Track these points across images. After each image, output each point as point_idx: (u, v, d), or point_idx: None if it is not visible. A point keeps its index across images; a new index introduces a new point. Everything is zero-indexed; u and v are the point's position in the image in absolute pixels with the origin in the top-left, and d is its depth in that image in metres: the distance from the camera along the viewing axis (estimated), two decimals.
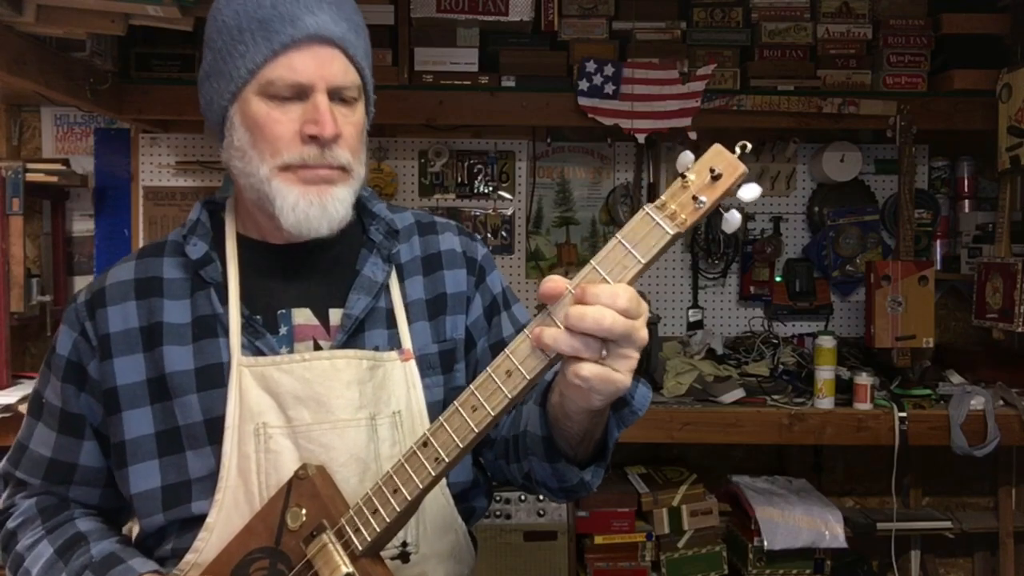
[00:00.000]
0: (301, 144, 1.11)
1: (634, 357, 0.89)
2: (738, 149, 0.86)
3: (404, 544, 1.14)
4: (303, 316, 1.18)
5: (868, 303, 2.80)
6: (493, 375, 0.92)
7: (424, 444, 0.96)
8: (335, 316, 1.18)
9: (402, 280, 1.23)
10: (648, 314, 0.91)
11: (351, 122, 1.15)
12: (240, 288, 1.18)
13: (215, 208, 1.27)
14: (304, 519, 1.03)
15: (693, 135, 2.86)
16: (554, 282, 0.89)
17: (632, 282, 0.88)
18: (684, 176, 0.86)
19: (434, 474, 0.95)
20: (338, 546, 1.00)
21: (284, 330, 1.17)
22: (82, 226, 3.11)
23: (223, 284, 1.18)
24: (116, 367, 1.16)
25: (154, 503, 1.14)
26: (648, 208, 0.87)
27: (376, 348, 1.17)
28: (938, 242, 3.19)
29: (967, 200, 3.17)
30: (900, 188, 2.82)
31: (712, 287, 3.22)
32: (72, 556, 1.14)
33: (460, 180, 3.17)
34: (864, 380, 2.64)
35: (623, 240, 0.87)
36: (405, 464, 0.97)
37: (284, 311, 1.18)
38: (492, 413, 0.92)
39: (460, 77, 2.87)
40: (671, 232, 0.85)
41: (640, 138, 2.90)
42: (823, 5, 2.95)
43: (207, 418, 1.13)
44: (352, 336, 1.17)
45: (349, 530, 1.00)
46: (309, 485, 1.04)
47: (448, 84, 2.87)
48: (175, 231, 1.25)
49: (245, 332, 1.15)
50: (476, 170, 3.17)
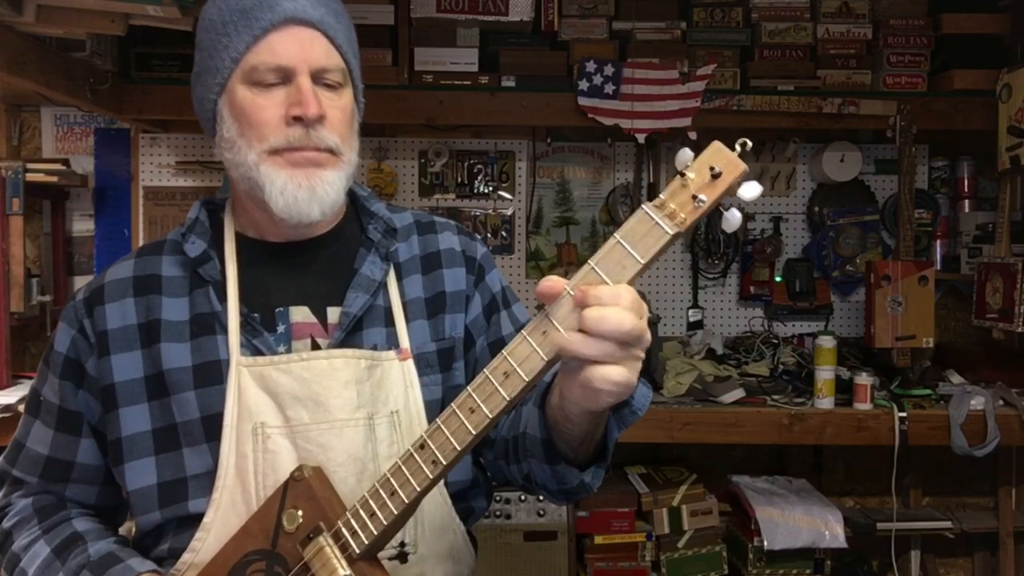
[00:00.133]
0: (286, 127, 1.12)
1: (642, 357, 0.89)
2: (738, 147, 0.84)
3: (402, 544, 1.14)
4: (301, 314, 1.18)
5: (868, 303, 2.80)
6: (491, 377, 0.90)
7: (421, 447, 0.94)
8: (333, 314, 1.18)
9: (400, 279, 1.23)
10: (648, 314, 0.90)
11: (338, 106, 1.15)
12: (238, 286, 1.18)
13: (214, 208, 1.27)
14: (301, 521, 1.02)
15: (693, 135, 2.85)
16: (552, 282, 0.88)
17: (631, 282, 0.86)
18: (683, 174, 0.84)
19: (431, 477, 0.94)
20: (335, 549, 0.99)
21: (282, 328, 1.17)
22: (82, 226, 3.11)
23: (221, 282, 1.18)
24: (114, 364, 1.16)
25: (150, 500, 1.14)
26: (647, 207, 0.85)
27: (374, 346, 1.17)
28: (938, 242, 3.18)
29: (967, 200, 3.17)
30: (900, 188, 2.82)
31: (712, 287, 3.22)
32: (69, 556, 1.14)
33: (460, 180, 3.16)
34: (864, 380, 2.64)
35: (622, 240, 0.85)
36: (402, 466, 0.96)
37: (282, 309, 1.18)
38: (490, 415, 0.90)
39: (460, 77, 2.87)
40: (670, 232, 0.84)
41: (640, 138, 2.90)
42: (823, 5, 2.95)
43: (204, 415, 1.13)
44: (350, 334, 1.17)
45: (346, 532, 0.99)
46: (305, 487, 1.03)
47: (448, 84, 2.86)
48: (174, 230, 1.25)
49: (243, 330, 1.15)
50: (476, 170, 3.17)
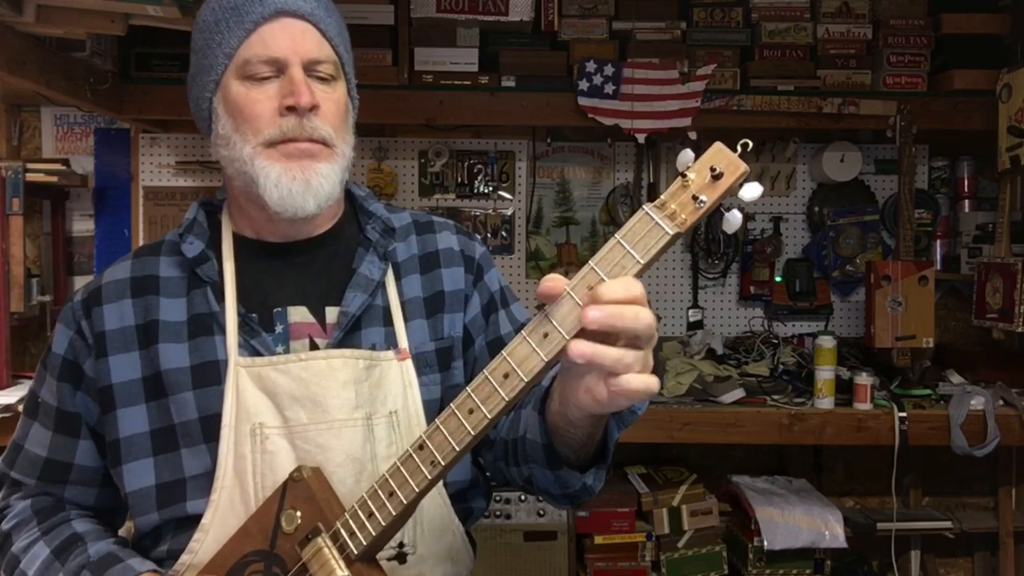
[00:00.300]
0: (280, 118, 1.12)
1: (651, 357, 0.87)
2: (739, 148, 0.84)
3: (401, 545, 1.14)
4: (299, 314, 1.18)
5: (868, 303, 2.80)
6: (490, 377, 0.89)
7: (420, 447, 0.94)
8: (331, 314, 1.18)
9: (399, 278, 1.23)
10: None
11: (331, 99, 1.16)
12: (236, 286, 1.18)
13: (212, 209, 1.27)
14: (299, 522, 1.02)
15: (693, 135, 2.85)
16: (553, 281, 0.87)
17: None
18: (684, 175, 0.84)
19: (430, 477, 0.94)
20: (333, 550, 0.99)
21: (280, 328, 1.17)
22: (82, 226, 3.11)
23: (219, 282, 1.18)
24: (112, 365, 1.16)
25: (149, 501, 1.14)
26: (647, 208, 0.85)
27: (373, 346, 1.17)
28: (938, 242, 3.18)
29: (967, 200, 3.17)
30: (900, 188, 2.82)
31: (712, 287, 3.22)
32: (69, 557, 1.14)
33: (460, 180, 3.16)
34: (864, 380, 2.64)
35: (622, 240, 0.85)
36: (401, 467, 0.95)
37: (280, 309, 1.18)
38: (489, 416, 0.90)
39: (460, 77, 2.87)
40: (671, 232, 0.84)
41: (640, 138, 2.90)
42: (823, 5, 2.95)
43: (202, 416, 1.13)
44: (348, 334, 1.17)
45: (344, 533, 0.99)
46: (304, 487, 1.03)
47: (448, 84, 2.86)
48: (172, 231, 1.25)
49: (241, 330, 1.15)
50: (476, 170, 3.17)
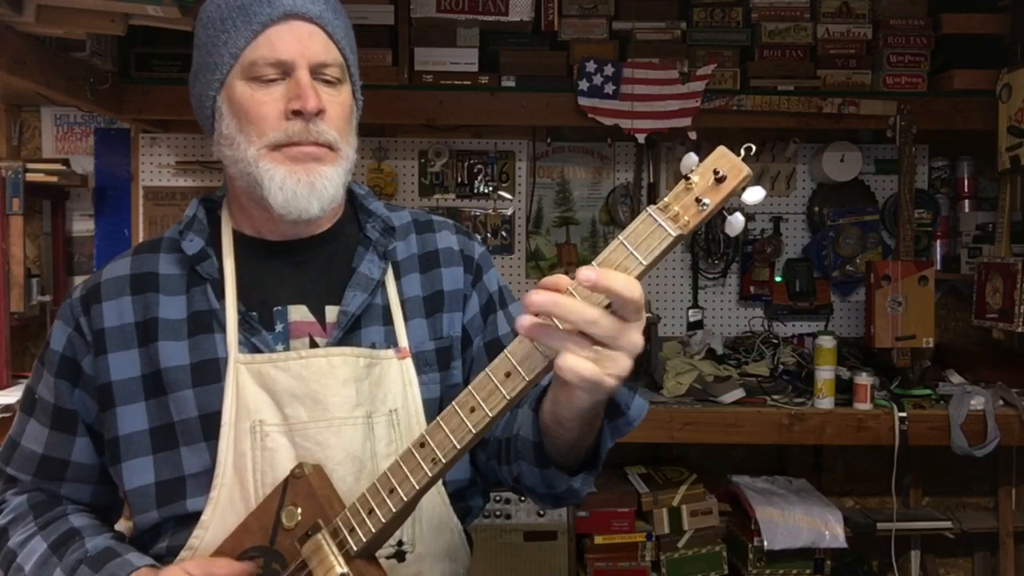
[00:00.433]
0: (286, 121, 1.12)
1: (622, 360, 0.86)
2: (743, 152, 0.85)
3: (400, 543, 1.14)
4: (299, 313, 1.18)
5: (868, 303, 2.80)
6: (491, 376, 0.90)
7: (421, 445, 0.94)
8: (331, 313, 1.18)
9: (398, 277, 1.23)
10: (648, 316, 0.89)
11: (337, 102, 1.15)
12: (236, 284, 1.18)
13: (212, 206, 1.27)
14: (299, 518, 1.02)
15: (693, 135, 2.86)
16: (555, 280, 0.87)
17: None
18: (688, 178, 0.85)
19: (431, 475, 0.94)
20: (333, 546, 0.99)
21: (280, 327, 1.17)
22: (82, 226, 3.11)
23: (219, 280, 1.18)
24: (111, 363, 1.15)
25: (148, 499, 1.14)
26: (651, 210, 0.86)
27: (372, 345, 1.17)
28: (938, 242, 3.18)
29: (967, 200, 3.17)
30: (900, 188, 2.82)
31: (712, 287, 3.22)
32: (67, 551, 1.14)
33: (460, 180, 3.16)
34: (864, 380, 2.64)
35: (625, 241, 0.86)
36: (402, 464, 0.95)
37: (280, 308, 1.18)
38: (490, 414, 0.90)
39: (460, 77, 2.87)
40: (673, 234, 0.84)
41: (640, 138, 2.90)
42: (823, 5, 2.95)
43: (202, 413, 1.13)
44: (348, 333, 1.17)
45: (344, 530, 0.99)
46: (305, 484, 1.03)
47: (448, 84, 2.87)
48: (172, 228, 1.25)
49: (241, 328, 1.15)
50: (476, 170, 3.17)
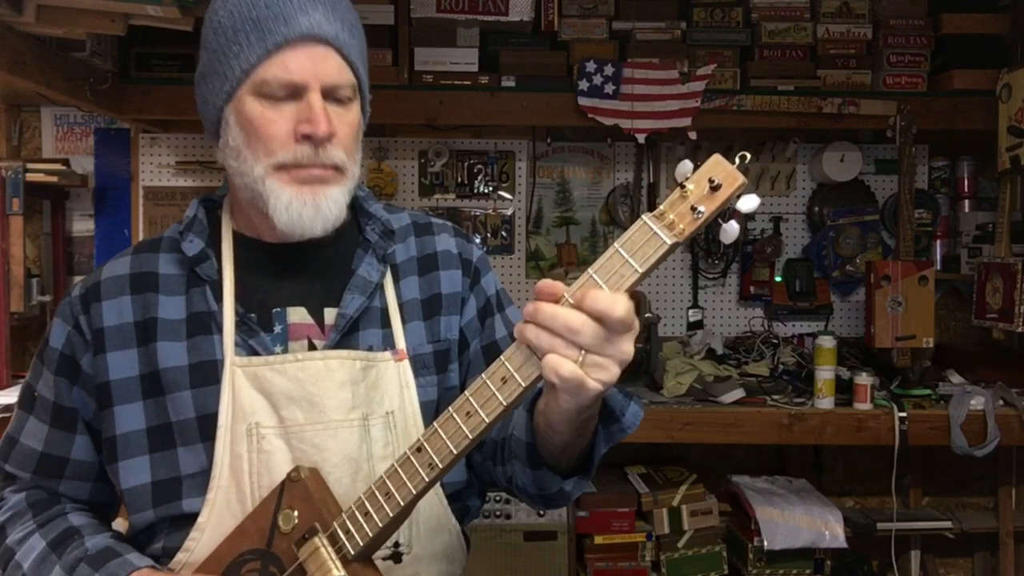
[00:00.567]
0: (295, 143, 1.11)
1: (611, 367, 0.87)
2: (737, 160, 0.85)
3: (397, 545, 1.14)
4: (298, 315, 1.18)
5: (868, 303, 2.80)
6: (488, 381, 0.91)
7: (418, 449, 0.95)
8: (330, 315, 1.18)
9: (397, 280, 1.23)
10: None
11: (346, 121, 1.15)
12: (235, 286, 1.18)
13: (212, 206, 1.27)
14: (296, 521, 1.02)
15: (693, 135, 2.86)
16: (551, 287, 0.88)
17: (630, 291, 0.87)
18: (683, 186, 0.86)
19: (428, 480, 0.95)
20: (330, 550, 1.00)
21: (279, 329, 1.17)
22: (82, 226, 3.12)
23: (218, 281, 1.18)
24: (109, 362, 1.16)
25: (144, 499, 1.14)
26: (646, 217, 0.86)
27: (370, 348, 1.17)
28: (938, 242, 3.18)
29: (967, 200, 3.17)
30: (900, 188, 2.82)
31: (712, 287, 3.22)
32: (66, 549, 1.14)
33: (460, 180, 3.17)
34: (864, 380, 2.64)
35: (620, 249, 0.87)
36: (399, 469, 0.96)
37: (279, 310, 1.18)
38: (487, 419, 0.91)
39: (460, 77, 2.87)
40: (669, 242, 0.85)
41: (640, 138, 2.90)
42: (823, 5, 2.95)
43: (200, 414, 1.13)
44: (346, 335, 1.17)
45: (341, 534, 0.99)
46: (302, 487, 1.03)
47: (448, 84, 2.87)
48: (172, 227, 1.24)
49: (239, 330, 1.15)
50: (476, 170, 3.17)
